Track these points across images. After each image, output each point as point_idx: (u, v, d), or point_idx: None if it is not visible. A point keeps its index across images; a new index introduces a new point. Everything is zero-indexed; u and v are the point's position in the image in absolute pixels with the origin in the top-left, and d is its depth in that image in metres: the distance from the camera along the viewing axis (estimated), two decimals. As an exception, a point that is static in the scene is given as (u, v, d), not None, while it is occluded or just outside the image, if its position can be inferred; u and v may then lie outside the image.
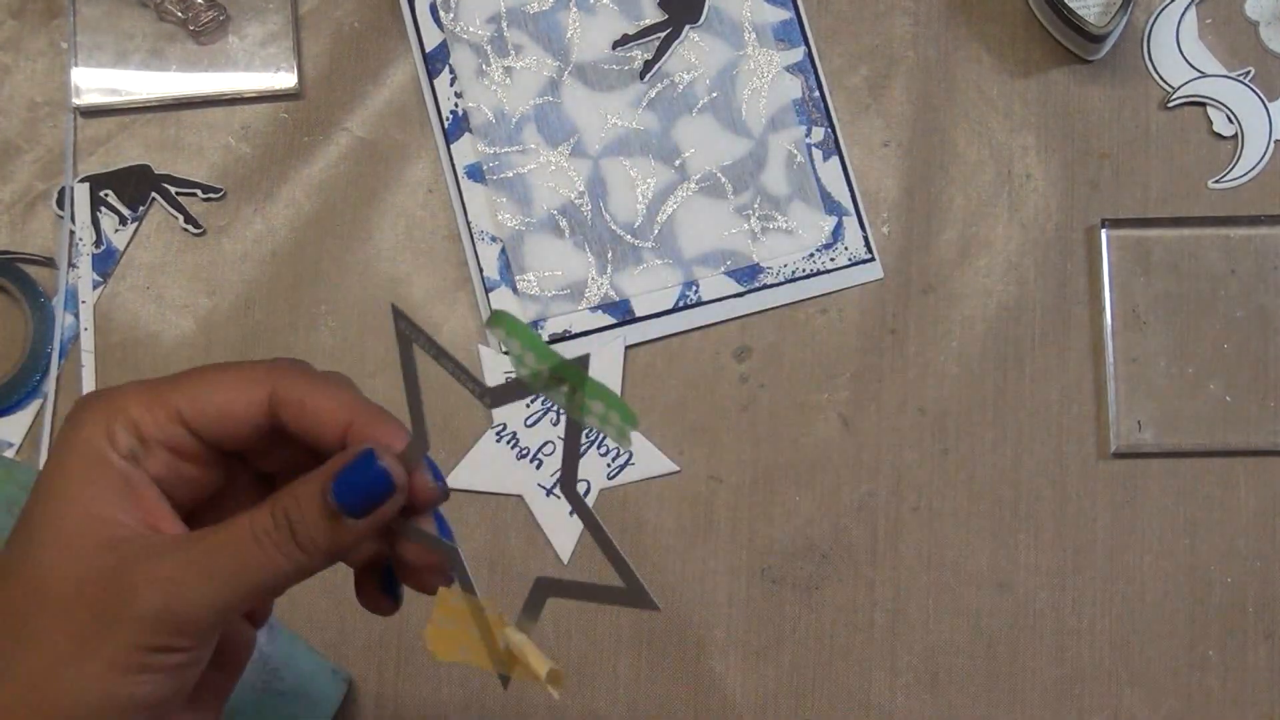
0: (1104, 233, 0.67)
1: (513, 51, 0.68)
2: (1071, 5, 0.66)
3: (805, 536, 0.65)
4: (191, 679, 0.40)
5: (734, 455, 0.66)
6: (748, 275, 0.67)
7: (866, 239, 0.67)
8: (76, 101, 0.68)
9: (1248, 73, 0.68)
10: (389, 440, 0.40)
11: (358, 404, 0.41)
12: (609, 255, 0.67)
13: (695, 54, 0.69)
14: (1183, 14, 0.68)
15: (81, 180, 0.68)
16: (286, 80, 0.69)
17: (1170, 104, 0.68)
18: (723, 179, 0.68)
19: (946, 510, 0.66)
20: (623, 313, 0.67)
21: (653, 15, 0.69)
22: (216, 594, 0.38)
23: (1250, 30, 0.69)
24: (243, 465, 0.43)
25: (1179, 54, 0.68)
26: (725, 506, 0.66)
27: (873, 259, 0.67)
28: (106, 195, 0.68)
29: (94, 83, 0.68)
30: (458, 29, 0.68)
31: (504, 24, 0.68)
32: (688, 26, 0.69)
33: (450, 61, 0.68)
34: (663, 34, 0.69)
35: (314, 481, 0.39)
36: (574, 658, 0.65)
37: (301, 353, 0.67)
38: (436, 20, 0.68)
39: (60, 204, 0.68)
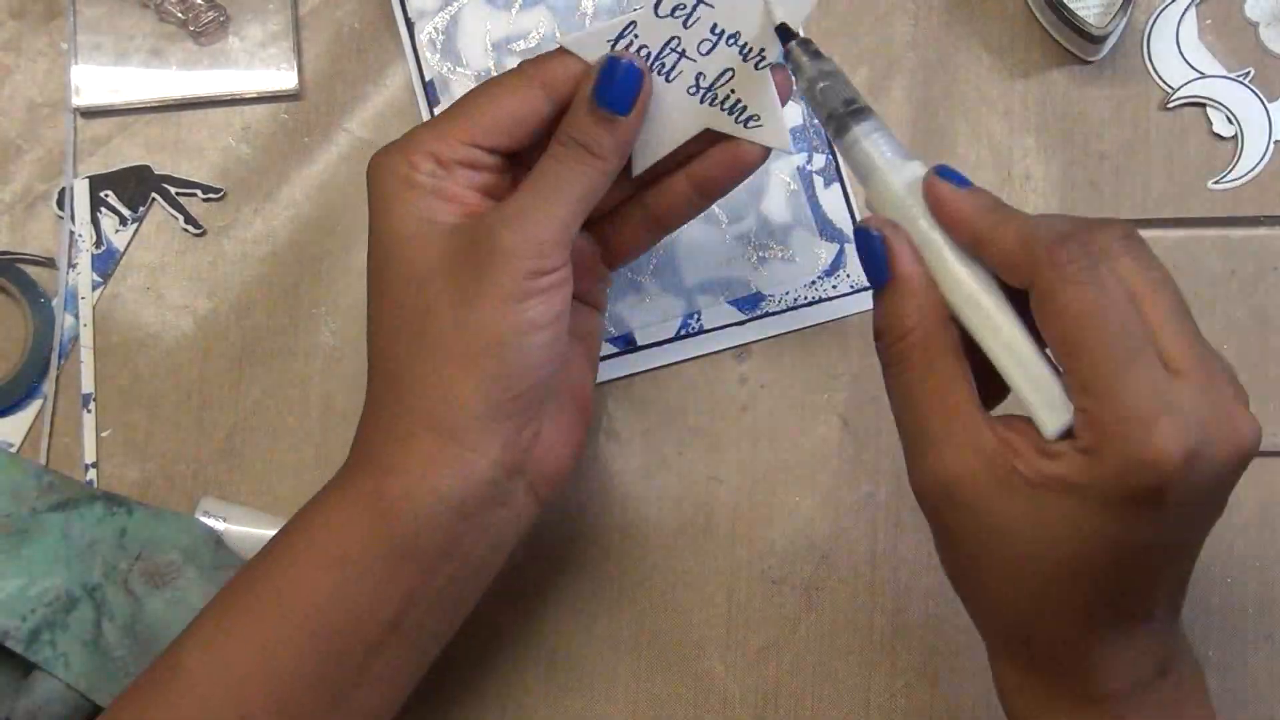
0: (1104, 233, 0.67)
1: None
2: (1071, 6, 0.66)
3: (805, 536, 0.65)
4: (564, 303, 0.49)
5: (734, 455, 0.66)
6: (749, 304, 0.67)
7: None
8: (76, 101, 0.68)
9: (1248, 73, 0.68)
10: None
11: None
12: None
13: None
14: (1183, 14, 0.68)
15: (81, 180, 0.68)
16: (286, 80, 0.69)
17: (1170, 104, 0.68)
18: (720, 208, 0.67)
19: (946, 510, 0.66)
20: (624, 343, 0.66)
21: None
22: (553, 211, 0.48)
23: (1250, 30, 0.69)
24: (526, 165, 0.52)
25: (1179, 54, 0.68)
26: (725, 507, 0.66)
27: None
28: (106, 195, 0.68)
29: (94, 83, 0.68)
30: (444, 70, 0.68)
31: (492, 66, 0.68)
32: None
33: (444, 96, 0.67)
34: None
35: (579, 104, 0.50)
36: (574, 658, 0.65)
37: (301, 353, 0.67)
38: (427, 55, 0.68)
39: (60, 204, 0.68)
